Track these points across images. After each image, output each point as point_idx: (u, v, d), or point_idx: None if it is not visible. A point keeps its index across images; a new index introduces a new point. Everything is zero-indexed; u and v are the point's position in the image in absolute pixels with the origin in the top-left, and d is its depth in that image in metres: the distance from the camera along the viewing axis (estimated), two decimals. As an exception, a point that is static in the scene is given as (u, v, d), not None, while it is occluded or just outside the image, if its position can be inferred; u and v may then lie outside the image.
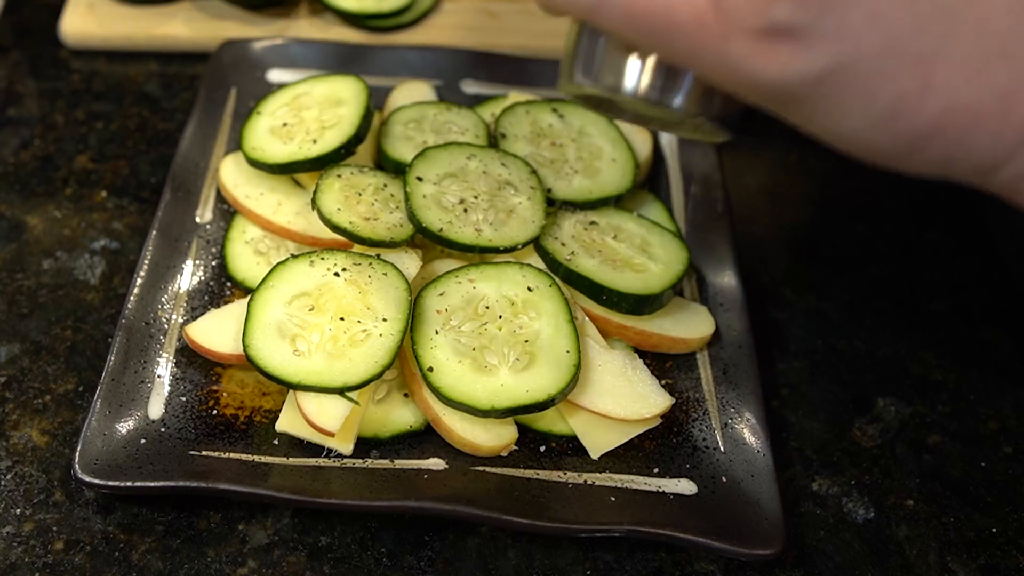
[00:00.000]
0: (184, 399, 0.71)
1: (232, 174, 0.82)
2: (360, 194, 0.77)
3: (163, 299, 0.76)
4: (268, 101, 0.84)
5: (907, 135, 0.46)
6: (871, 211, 0.93)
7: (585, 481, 0.68)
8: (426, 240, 0.75)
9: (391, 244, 0.73)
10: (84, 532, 0.66)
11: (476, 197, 0.77)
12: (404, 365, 0.71)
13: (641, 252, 0.76)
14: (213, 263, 0.79)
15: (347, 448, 0.68)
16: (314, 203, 0.75)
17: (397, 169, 0.80)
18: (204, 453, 0.67)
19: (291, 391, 0.68)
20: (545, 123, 0.85)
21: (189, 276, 0.78)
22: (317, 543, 0.67)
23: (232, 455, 0.68)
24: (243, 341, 0.68)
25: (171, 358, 0.73)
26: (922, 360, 0.81)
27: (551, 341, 0.69)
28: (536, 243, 0.75)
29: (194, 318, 0.74)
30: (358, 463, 0.68)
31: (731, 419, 0.71)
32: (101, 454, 0.65)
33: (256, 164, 0.79)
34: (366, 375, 0.66)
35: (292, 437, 0.69)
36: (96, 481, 0.64)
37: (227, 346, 0.71)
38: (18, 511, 0.67)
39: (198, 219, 0.82)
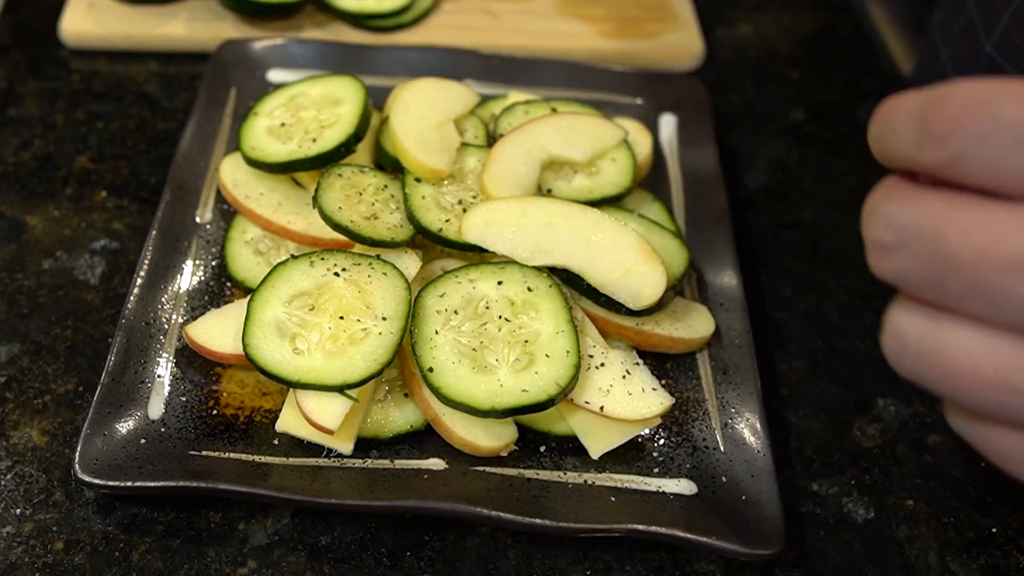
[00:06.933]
0: (184, 399, 0.71)
1: (232, 174, 0.82)
2: (361, 194, 0.77)
3: (163, 299, 0.76)
4: (265, 102, 0.84)
5: None
6: (871, 211, 0.93)
7: (585, 481, 0.68)
8: (426, 240, 0.75)
9: (392, 244, 0.73)
10: (84, 532, 0.66)
11: (475, 197, 0.77)
12: (404, 365, 0.71)
13: (641, 252, 0.76)
14: (213, 263, 0.79)
15: (347, 448, 0.68)
16: (315, 201, 0.75)
17: (397, 169, 0.80)
18: (204, 453, 0.67)
19: (291, 391, 0.68)
20: (545, 123, 0.85)
21: (189, 276, 0.78)
22: (317, 543, 0.67)
23: (232, 455, 0.68)
24: (243, 340, 0.68)
25: (171, 358, 0.73)
26: (922, 360, 0.81)
27: (551, 341, 0.69)
28: (536, 243, 0.75)
29: (194, 318, 0.74)
30: (358, 463, 0.68)
31: (731, 419, 0.71)
32: (101, 454, 0.65)
33: (255, 164, 0.79)
34: (365, 373, 0.66)
35: (292, 437, 0.69)
36: (96, 481, 0.64)
37: (227, 346, 0.71)
38: (18, 511, 0.67)
39: (198, 219, 0.82)
